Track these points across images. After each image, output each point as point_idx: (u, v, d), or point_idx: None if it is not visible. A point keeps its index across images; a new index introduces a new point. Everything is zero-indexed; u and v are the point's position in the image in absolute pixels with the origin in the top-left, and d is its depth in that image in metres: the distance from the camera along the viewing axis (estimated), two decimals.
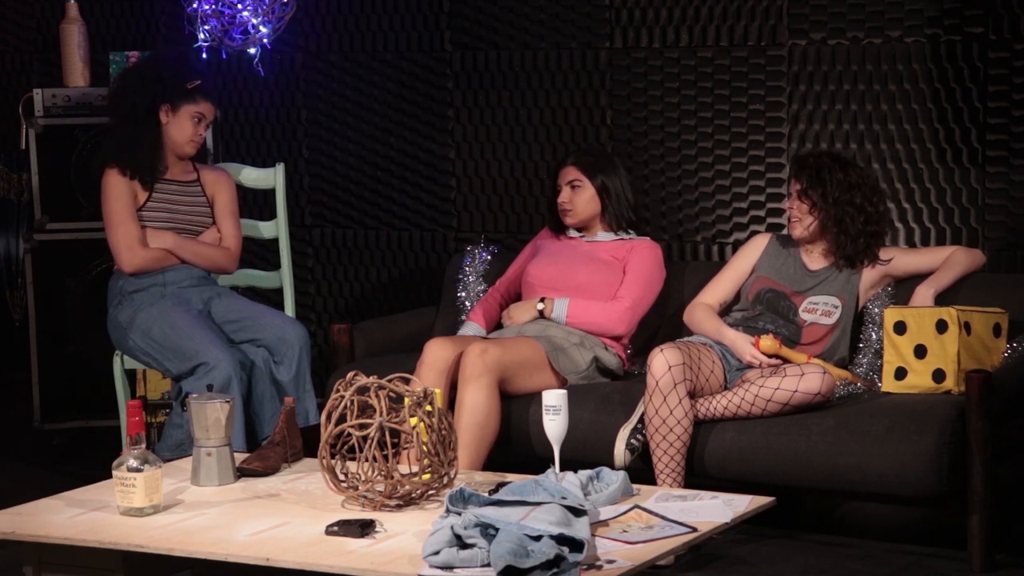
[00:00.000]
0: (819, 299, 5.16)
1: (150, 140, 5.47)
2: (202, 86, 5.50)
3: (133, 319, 5.36)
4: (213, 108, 5.55)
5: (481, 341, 5.15)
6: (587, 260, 5.49)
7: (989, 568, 4.68)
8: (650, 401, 4.89)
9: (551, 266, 5.52)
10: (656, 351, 4.92)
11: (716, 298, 5.30)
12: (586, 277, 5.44)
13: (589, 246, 5.54)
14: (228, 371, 5.15)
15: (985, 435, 4.64)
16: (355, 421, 3.93)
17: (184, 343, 5.24)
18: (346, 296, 6.84)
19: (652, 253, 5.52)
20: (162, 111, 5.46)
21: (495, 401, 5.06)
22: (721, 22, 5.93)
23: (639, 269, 5.47)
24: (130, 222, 5.42)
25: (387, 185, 6.69)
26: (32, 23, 7.41)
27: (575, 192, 5.52)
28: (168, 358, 5.28)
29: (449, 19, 6.48)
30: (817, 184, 5.15)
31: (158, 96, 5.46)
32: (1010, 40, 5.46)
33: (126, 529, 3.85)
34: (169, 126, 5.47)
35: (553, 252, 5.58)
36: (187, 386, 5.15)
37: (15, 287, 7.17)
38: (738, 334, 5.09)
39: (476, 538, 3.44)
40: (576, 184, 5.52)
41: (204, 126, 5.53)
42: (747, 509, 3.89)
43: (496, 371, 5.07)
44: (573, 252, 5.54)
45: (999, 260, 5.46)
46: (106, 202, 5.45)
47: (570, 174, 5.54)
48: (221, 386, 5.08)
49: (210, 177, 5.64)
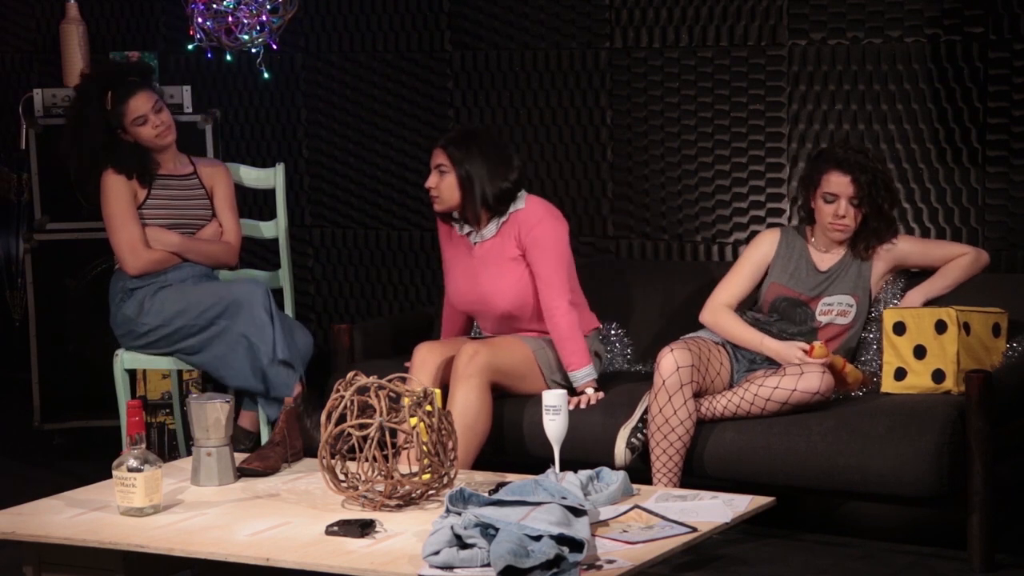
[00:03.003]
0: (833, 299, 5.11)
1: (131, 149, 5.46)
2: (116, 95, 5.43)
3: (141, 306, 5.36)
4: (147, 93, 5.47)
5: (472, 343, 5.14)
6: (490, 277, 5.23)
7: (989, 568, 4.68)
8: (655, 399, 4.88)
9: (462, 289, 5.31)
10: (666, 350, 4.90)
11: (735, 297, 5.16)
12: (501, 305, 5.23)
13: (480, 251, 5.26)
14: (258, 290, 5.22)
15: (985, 435, 4.64)
16: (355, 421, 3.93)
17: (205, 295, 5.29)
18: (346, 296, 6.84)
19: (544, 230, 5.19)
20: (119, 136, 5.45)
21: (486, 402, 5.05)
22: (721, 22, 5.93)
23: (544, 261, 5.17)
24: (132, 224, 5.41)
25: (387, 185, 6.70)
26: (32, 23, 7.41)
27: (442, 178, 5.23)
28: (191, 315, 5.29)
29: (449, 19, 6.48)
30: (875, 189, 5.00)
31: (103, 131, 5.43)
32: (1010, 40, 5.46)
33: (126, 529, 3.85)
34: (134, 136, 5.46)
35: (456, 264, 5.33)
36: (224, 323, 5.22)
37: (15, 287, 7.17)
38: (782, 344, 4.99)
39: (476, 538, 3.44)
40: (443, 169, 5.23)
41: (156, 112, 5.45)
42: (747, 509, 3.89)
43: (487, 372, 5.05)
44: (470, 263, 5.28)
45: (999, 260, 5.46)
46: (106, 205, 5.45)
47: (437, 157, 5.25)
48: (262, 301, 5.18)
49: (207, 170, 5.64)
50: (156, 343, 5.41)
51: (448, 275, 5.40)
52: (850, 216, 5.04)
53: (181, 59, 6.97)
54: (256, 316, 5.19)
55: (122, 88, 5.46)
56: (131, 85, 5.49)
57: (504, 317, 5.27)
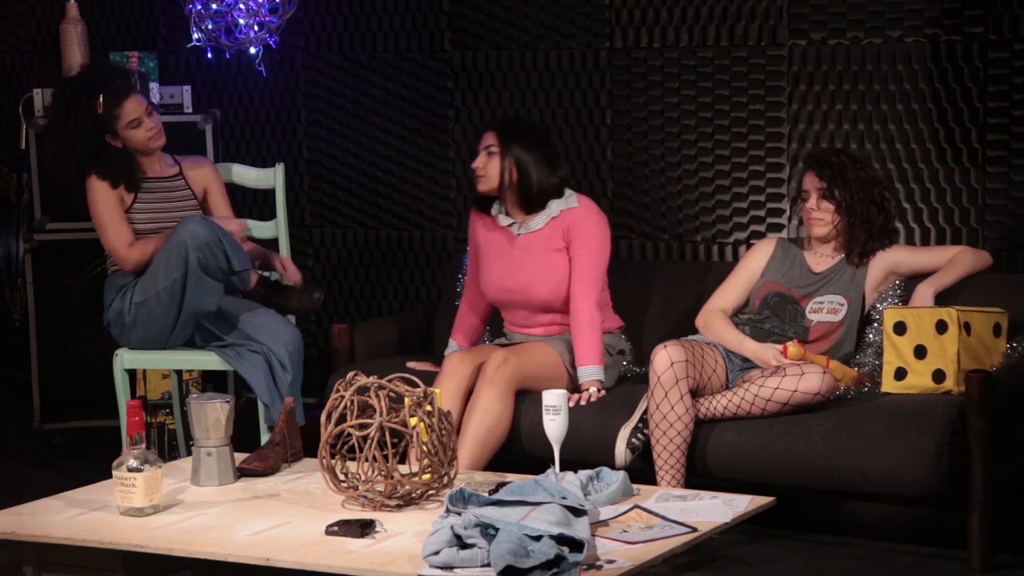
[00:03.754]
0: (824, 298, 5.16)
1: (117, 155, 5.44)
2: (108, 98, 5.40)
3: (125, 298, 5.36)
4: (138, 97, 5.46)
5: (502, 350, 5.16)
6: (530, 265, 5.32)
7: (989, 568, 4.68)
8: (652, 397, 4.89)
9: (498, 279, 5.38)
10: (659, 347, 4.93)
11: (728, 303, 5.27)
12: (540, 294, 5.30)
13: (523, 241, 5.35)
14: (198, 226, 5.23)
15: (985, 435, 4.64)
16: (355, 421, 3.93)
17: (158, 255, 5.31)
18: (346, 296, 6.84)
19: (590, 225, 5.31)
20: (108, 140, 5.43)
21: (508, 409, 5.09)
22: (721, 22, 5.93)
23: (584, 258, 5.27)
24: (120, 224, 5.41)
25: (387, 185, 6.70)
26: (32, 23, 7.42)
27: (489, 159, 5.32)
28: (153, 279, 5.30)
29: (449, 19, 6.48)
30: (843, 184, 5.13)
31: (92, 140, 5.40)
32: (1010, 40, 5.46)
33: (126, 529, 3.85)
34: (122, 141, 5.45)
35: (492, 253, 5.41)
36: (186, 278, 5.24)
37: (15, 287, 7.17)
38: (760, 345, 5.06)
39: (476, 538, 3.44)
40: (492, 150, 5.32)
41: (148, 116, 5.45)
42: (747, 509, 3.89)
43: (516, 381, 5.11)
44: (512, 254, 5.36)
45: (999, 260, 5.46)
46: (93, 207, 5.44)
47: (487, 139, 5.35)
48: (203, 239, 5.21)
49: (195, 172, 5.62)
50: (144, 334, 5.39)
51: (483, 265, 5.44)
52: (824, 211, 5.14)
53: (181, 59, 6.97)
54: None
55: (113, 92, 5.44)
56: (121, 88, 5.46)
57: (540, 306, 5.33)
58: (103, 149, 5.43)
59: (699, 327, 5.25)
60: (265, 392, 5.28)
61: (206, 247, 5.24)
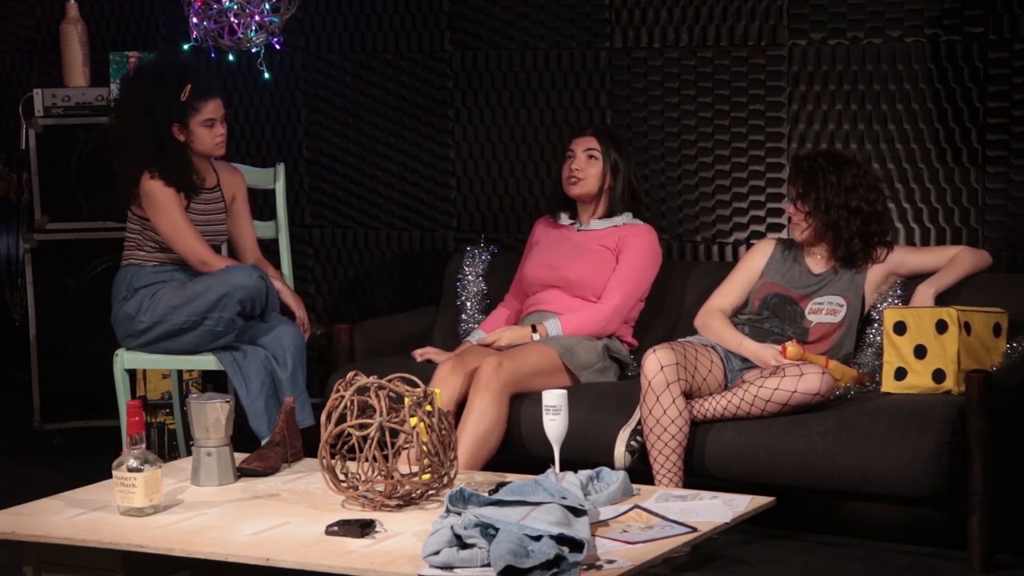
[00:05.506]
0: (824, 299, 5.16)
1: (178, 155, 5.37)
2: (195, 90, 5.35)
3: (141, 305, 5.35)
4: (220, 103, 5.43)
5: (496, 355, 5.17)
6: (578, 253, 5.51)
7: (989, 568, 4.68)
8: (644, 401, 4.90)
9: (544, 261, 5.55)
10: (649, 352, 4.94)
11: (728, 303, 5.28)
12: (576, 273, 5.47)
13: (580, 236, 5.56)
14: (250, 279, 5.24)
15: (985, 435, 4.64)
16: (355, 421, 3.93)
17: (199, 286, 5.29)
18: (346, 296, 6.84)
19: (644, 241, 5.52)
20: (174, 130, 5.36)
21: (503, 413, 5.11)
22: (721, 22, 5.93)
23: (629, 264, 5.47)
24: (193, 228, 5.38)
25: (387, 185, 6.69)
26: (32, 23, 7.41)
27: (590, 163, 5.53)
28: (184, 311, 5.28)
29: (449, 19, 6.48)
30: (811, 189, 5.15)
31: (162, 123, 5.33)
32: (1010, 40, 5.46)
33: (126, 529, 3.85)
34: (188, 141, 5.39)
35: (546, 245, 5.61)
36: (214, 320, 5.24)
37: (15, 287, 7.17)
38: (759, 345, 5.07)
39: (476, 538, 3.44)
40: (593, 154, 5.53)
41: (221, 123, 5.42)
42: (747, 509, 3.89)
43: (510, 385, 5.14)
44: (565, 244, 5.56)
45: (999, 260, 5.46)
46: (164, 211, 5.35)
47: (588, 143, 5.55)
48: (251, 294, 5.23)
49: (228, 178, 5.60)
50: (153, 343, 5.40)
51: (530, 259, 5.61)
52: (797, 216, 5.20)
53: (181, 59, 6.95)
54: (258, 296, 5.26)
55: (202, 85, 5.39)
56: (209, 85, 5.43)
57: (573, 284, 5.47)
58: (167, 141, 5.36)
59: (698, 327, 5.26)
60: (248, 400, 5.26)
61: (248, 299, 5.28)
